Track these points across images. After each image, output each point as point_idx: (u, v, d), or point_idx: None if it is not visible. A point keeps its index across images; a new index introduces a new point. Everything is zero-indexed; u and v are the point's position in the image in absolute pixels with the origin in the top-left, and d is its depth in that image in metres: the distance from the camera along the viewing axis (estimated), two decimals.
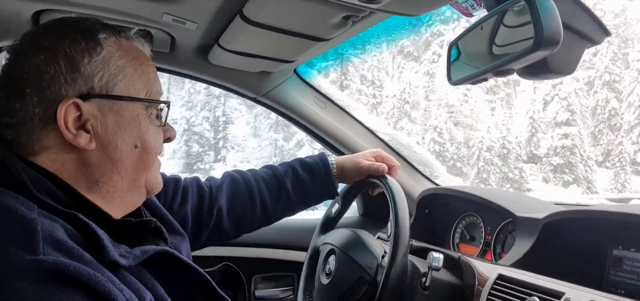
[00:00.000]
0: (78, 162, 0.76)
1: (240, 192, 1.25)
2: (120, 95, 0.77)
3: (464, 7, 1.04)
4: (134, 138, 0.79)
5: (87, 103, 0.74)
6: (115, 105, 0.77)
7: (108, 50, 0.77)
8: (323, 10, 1.09)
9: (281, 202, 1.28)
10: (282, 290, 1.88)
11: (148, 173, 0.83)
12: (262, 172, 1.30)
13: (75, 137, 0.73)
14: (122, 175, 0.79)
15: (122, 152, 0.78)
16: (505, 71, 0.85)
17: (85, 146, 0.74)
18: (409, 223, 1.09)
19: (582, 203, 1.62)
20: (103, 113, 0.76)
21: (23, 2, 1.19)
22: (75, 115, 0.73)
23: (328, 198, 1.36)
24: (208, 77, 1.72)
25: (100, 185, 0.78)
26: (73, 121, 0.73)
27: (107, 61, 0.77)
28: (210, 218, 1.20)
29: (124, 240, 0.74)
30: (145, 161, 0.82)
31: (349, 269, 1.17)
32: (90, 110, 0.75)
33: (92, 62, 0.75)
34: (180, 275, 0.81)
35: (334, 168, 1.31)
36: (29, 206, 0.66)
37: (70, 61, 0.74)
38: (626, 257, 1.07)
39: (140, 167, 0.81)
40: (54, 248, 0.62)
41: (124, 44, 0.81)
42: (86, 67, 0.74)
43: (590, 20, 0.81)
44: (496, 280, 1.10)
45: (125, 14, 1.26)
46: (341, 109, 1.82)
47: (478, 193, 1.48)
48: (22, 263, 0.59)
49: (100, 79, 0.75)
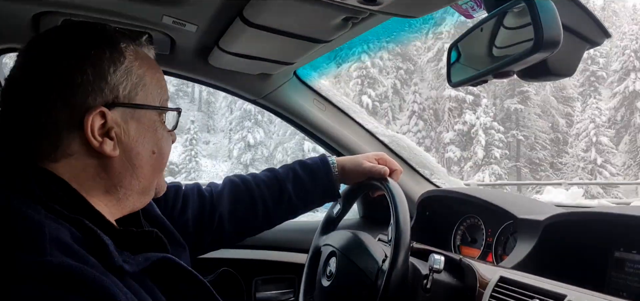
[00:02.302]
0: (99, 168, 0.77)
1: (242, 196, 1.24)
2: (141, 104, 0.80)
3: (464, 9, 1.04)
4: (152, 144, 0.83)
5: (112, 111, 0.76)
6: (136, 113, 0.80)
7: (129, 59, 0.79)
8: (323, 12, 1.09)
9: (283, 204, 1.27)
10: (283, 292, 1.87)
11: (159, 176, 0.88)
12: (263, 176, 1.29)
13: (101, 145, 0.75)
14: (141, 180, 0.82)
15: (142, 158, 0.81)
16: (505, 73, 0.84)
17: (110, 153, 0.76)
18: (409, 227, 1.09)
19: (583, 205, 1.61)
20: (126, 121, 0.78)
21: (23, 5, 1.19)
22: (100, 123, 0.75)
23: (329, 199, 1.36)
24: (208, 79, 1.72)
25: (118, 189, 0.80)
26: (98, 128, 0.75)
27: (130, 70, 0.79)
28: (211, 224, 1.20)
29: (126, 248, 0.75)
30: (160, 165, 0.86)
31: (350, 272, 1.17)
32: (115, 118, 0.77)
33: (117, 72, 0.77)
34: (182, 283, 0.81)
35: (335, 169, 1.30)
36: (36, 209, 0.66)
37: (98, 70, 0.75)
38: (628, 259, 1.07)
39: (156, 171, 0.86)
40: (60, 250, 0.62)
41: (140, 52, 0.83)
42: (112, 77, 0.76)
43: (590, 21, 0.81)
44: (498, 282, 1.10)
45: (125, 16, 1.26)
46: (341, 111, 1.82)
47: (479, 195, 1.48)
48: (28, 264, 0.59)
49: (124, 88, 0.78)
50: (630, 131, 28.36)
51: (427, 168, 1.86)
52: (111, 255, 0.68)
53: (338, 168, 1.31)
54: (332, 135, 1.81)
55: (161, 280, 0.77)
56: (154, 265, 0.75)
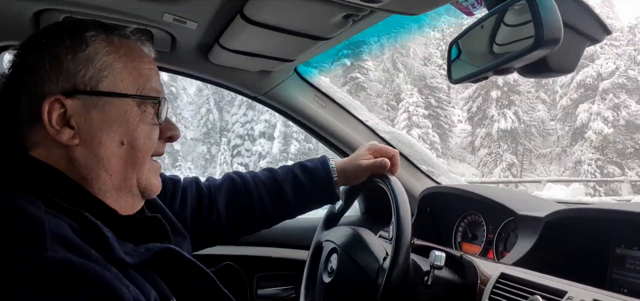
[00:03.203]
0: (66, 159, 0.76)
1: (240, 195, 1.24)
2: (106, 92, 0.77)
3: (464, 6, 1.04)
4: (121, 135, 0.79)
5: (71, 99, 0.75)
6: (100, 101, 0.77)
7: (94, 47, 0.77)
8: (323, 10, 1.09)
9: (280, 206, 1.28)
10: (284, 289, 1.88)
11: (139, 172, 0.82)
12: (262, 176, 1.29)
13: (58, 133, 0.74)
14: (110, 173, 0.78)
15: (107, 148, 0.78)
16: (505, 69, 0.84)
17: (68, 141, 0.75)
18: (410, 226, 1.09)
19: (584, 202, 1.61)
20: (87, 110, 0.76)
21: (24, 2, 1.19)
22: (59, 112, 0.74)
23: (328, 203, 1.36)
24: (209, 76, 1.72)
25: (90, 182, 0.77)
26: (57, 118, 0.74)
27: (92, 58, 0.77)
28: (209, 219, 1.20)
29: (129, 238, 0.75)
30: (133, 159, 0.80)
31: (351, 270, 1.17)
32: (74, 107, 0.75)
33: (75, 59, 0.76)
34: (184, 273, 0.81)
35: (334, 173, 1.29)
36: (36, 204, 0.67)
37: (54, 59, 0.75)
38: (629, 256, 1.07)
39: (128, 165, 0.80)
40: (61, 245, 0.62)
41: (116, 41, 0.81)
42: (69, 64, 0.75)
43: (591, 18, 0.81)
44: (498, 279, 1.10)
45: (125, 14, 1.26)
46: (342, 108, 1.82)
47: (480, 192, 1.48)
48: (30, 260, 0.59)
49: (83, 75, 0.76)
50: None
51: (428, 164, 1.86)
52: (112, 247, 0.68)
53: (338, 172, 1.30)
54: (333, 131, 1.81)
55: (163, 271, 0.77)
56: (156, 255, 0.75)
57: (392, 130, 1.88)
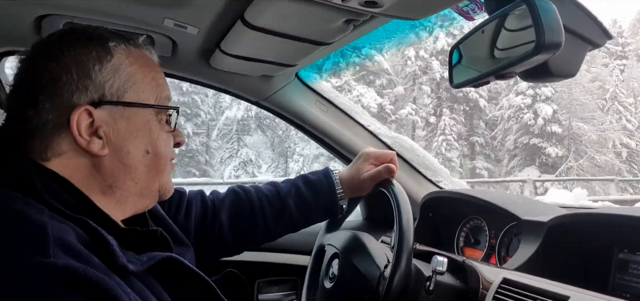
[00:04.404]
0: (91, 167, 0.77)
1: (243, 209, 1.24)
2: (131, 102, 0.79)
3: (465, 11, 1.03)
4: (146, 144, 0.82)
5: (99, 110, 0.76)
6: (126, 112, 0.79)
7: (118, 57, 0.79)
8: (324, 15, 1.09)
9: (283, 220, 1.27)
10: (285, 294, 1.87)
11: (161, 178, 0.86)
12: (266, 190, 1.28)
13: (88, 143, 0.75)
14: (136, 180, 0.81)
15: (134, 157, 0.80)
16: (507, 74, 0.84)
17: (99, 152, 0.76)
18: (412, 233, 1.08)
19: (587, 206, 1.60)
20: (114, 120, 0.78)
21: (25, 7, 1.19)
22: (87, 122, 0.75)
23: (331, 216, 1.35)
24: (210, 82, 1.72)
25: (114, 190, 0.80)
26: (86, 127, 0.75)
27: (117, 68, 0.79)
28: (212, 232, 1.20)
29: (131, 247, 0.75)
30: (157, 166, 0.84)
31: (352, 277, 1.17)
32: (102, 117, 0.77)
33: (103, 70, 0.77)
34: (186, 282, 0.81)
35: (338, 187, 1.29)
36: (39, 209, 0.67)
37: (82, 69, 0.76)
38: (632, 261, 1.06)
39: (153, 172, 0.84)
40: (64, 251, 0.62)
41: (133, 51, 0.83)
42: (97, 75, 0.76)
43: (592, 23, 0.81)
44: (501, 284, 1.09)
45: (126, 19, 1.26)
46: (343, 112, 1.82)
47: (482, 197, 1.47)
48: (32, 265, 0.59)
49: (111, 86, 0.77)
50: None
51: (430, 169, 1.85)
52: (115, 254, 0.68)
53: (343, 185, 1.29)
54: (335, 136, 1.80)
55: (166, 280, 0.77)
56: (158, 264, 0.75)
57: (394, 135, 1.88)
